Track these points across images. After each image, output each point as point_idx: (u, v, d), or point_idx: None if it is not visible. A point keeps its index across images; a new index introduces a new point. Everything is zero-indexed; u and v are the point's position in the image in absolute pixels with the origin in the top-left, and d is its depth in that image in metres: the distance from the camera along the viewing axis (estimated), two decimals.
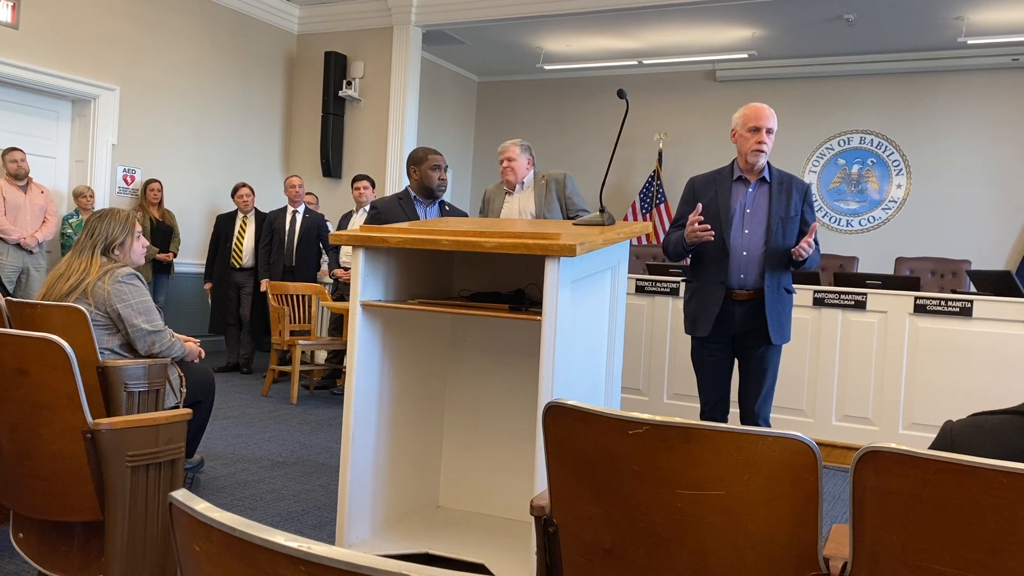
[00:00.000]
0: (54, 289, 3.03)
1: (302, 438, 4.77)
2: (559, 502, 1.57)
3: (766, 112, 3.35)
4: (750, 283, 3.35)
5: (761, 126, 3.32)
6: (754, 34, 8.39)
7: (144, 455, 2.14)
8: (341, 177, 8.66)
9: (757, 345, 3.37)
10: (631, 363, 4.89)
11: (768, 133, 3.33)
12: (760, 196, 3.39)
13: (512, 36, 8.97)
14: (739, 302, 3.36)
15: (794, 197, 3.38)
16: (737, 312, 3.37)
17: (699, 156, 9.29)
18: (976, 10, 7.32)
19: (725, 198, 3.39)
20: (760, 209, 3.37)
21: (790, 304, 3.45)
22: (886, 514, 1.21)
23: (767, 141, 3.32)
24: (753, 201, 3.39)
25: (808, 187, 3.47)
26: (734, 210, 3.38)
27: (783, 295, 3.40)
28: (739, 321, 3.37)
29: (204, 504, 0.74)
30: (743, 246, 3.36)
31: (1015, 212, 8.33)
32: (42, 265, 6.33)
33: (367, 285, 2.75)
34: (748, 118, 3.35)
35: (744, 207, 3.39)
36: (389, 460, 2.94)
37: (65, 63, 6.84)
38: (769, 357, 3.41)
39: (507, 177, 4.24)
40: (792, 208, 3.36)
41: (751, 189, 3.40)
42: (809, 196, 3.45)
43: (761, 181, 3.41)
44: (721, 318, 3.37)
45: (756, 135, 3.32)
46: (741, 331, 3.38)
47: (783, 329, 3.40)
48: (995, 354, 4.36)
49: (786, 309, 3.42)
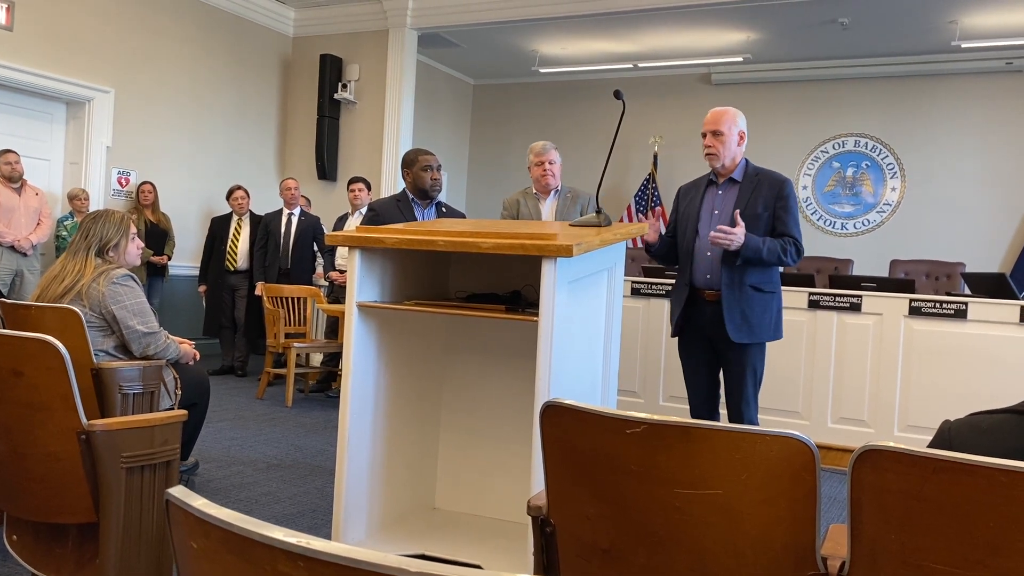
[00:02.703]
0: (48, 291, 3.02)
1: (297, 441, 4.76)
2: (556, 502, 1.56)
3: (712, 116, 3.42)
4: (715, 283, 3.36)
5: (705, 130, 3.41)
6: (749, 38, 8.41)
7: (139, 456, 2.13)
8: (336, 180, 8.65)
9: (729, 345, 3.35)
10: (626, 365, 4.88)
11: (715, 135, 3.38)
12: (728, 197, 3.43)
13: (507, 39, 8.97)
14: (709, 302, 3.38)
15: (764, 194, 3.35)
16: (707, 312, 3.38)
17: (694, 159, 9.27)
18: (969, 14, 7.35)
19: (698, 201, 3.48)
20: (726, 209, 3.40)
21: (763, 301, 3.36)
22: (884, 513, 1.21)
23: (713, 144, 3.38)
24: (721, 202, 3.44)
25: (783, 182, 3.40)
26: (703, 212, 3.45)
27: (748, 292, 3.33)
28: (709, 321, 3.38)
29: (202, 501, 0.73)
30: (707, 246, 3.38)
31: (1009, 215, 8.36)
32: (36, 267, 6.30)
33: (363, 286, 2.74)
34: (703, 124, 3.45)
35: (712, 209, 3.45)
36: (385, 462, 2.93)
37: (60, 65, 6.83)
38: (746, 358, 3.36)
39: (547, 180, 4.21)
40: (760, 205, 3.34)
41: (720, 191, 3.46)
42: (783, 191, 3.37)
43: (731, 182, 3.44)
44: (693, 318, 3.43)
45: (705, 140, 3.42)
46: (712, 331, 3.39)
47: (749, 327, 3.32)
48: (990, 356, 4.37)
49: (755, 307, 3.33)
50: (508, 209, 4.38)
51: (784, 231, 3.35)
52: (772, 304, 3.41)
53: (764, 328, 3.37)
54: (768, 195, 3.35)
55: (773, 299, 3.42)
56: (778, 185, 3.38)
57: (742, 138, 3.42)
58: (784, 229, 3.35)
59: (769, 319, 3.39)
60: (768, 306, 3.39)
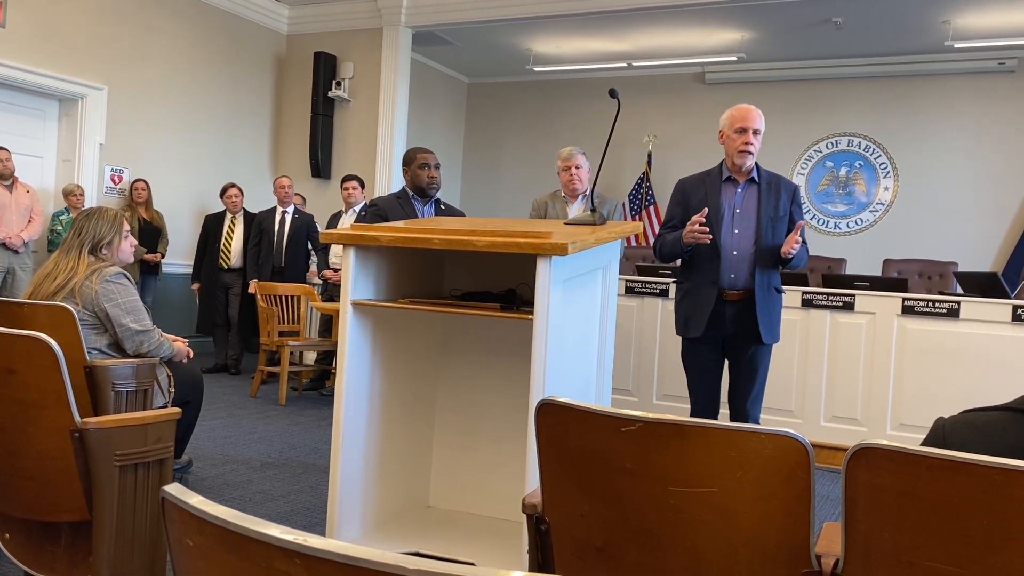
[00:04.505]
0: (41, 288, 3.00)
1: (291, 439, 4.75)
2: (551, 500, 1.56)
3: (753, 113, 3.37)
4: (740, 283, 3.37)
5: (748, 127, 3.35)
6: (743, 37, 8.42)
7: (132, 454, 2.12)
8: (330, 178, 8.64)
9: (748, 345, 3.38)
10: (620, 364, 4.89)
11: (755, 134, 3.35)
12: (749, 196, 3.41)
13: (502, 37, 8.97)
14: (730, 302, 3.38)
15: (783, 197, 3.42)
16: (728, 312, 3.38)
17: (688, 158, 9.31)
18: (963, 14, 7.38)
19: (715, 199, 3.42)
20: (749, 209, 3.39)
21: (780, 304, 3.48)
22: (878, 511, 1.21)
23: (753, 142, 3.35)
24: (742, 201, 3.41)
25: (796, 188, 3.51)
26: (724, 210, 3.41)
27: (773, 295, 3.42)
28: (730, 321, 3.39)
29: (198, 498, 0.73)
30: (733, 246, 3.37)
31: (1001, 214, 8.40)
32: (28, 265, 6.28)
33: (358, 284, 2.74)
34: (735, 119, 3.38)
35: (734, 207, 3.41)
36: (379, 460, 2.92)
37: (52, 62, 6.80)
38: (760, 357, 3.43)
39: (574, 185, 4.36)
40: (781, 208, 3.40)
41: (740, 190, 3.43)
42: (797, 196, 3.49)
43: (750, 182, 3.44)
44: (712, 318, 3.39)
45: (743, 136, 3.34)
46: (732, 331, 3.40)
47: (774, 329, 3.42)
48: (982, 355, 4.38)
49: (776, 309, 3.44)
50: (537, 209, 4.48)
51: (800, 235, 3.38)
52: (781, 304, 3.51)
53: (780, 328, 3.48)
54: (785, 199, 3.43)
55: (782, 300, 3.51)
56: (793, 190, 3.48)
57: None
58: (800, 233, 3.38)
59: (780, 319, 3.48)
60: (781, 307, 3.49)
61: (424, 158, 3.96)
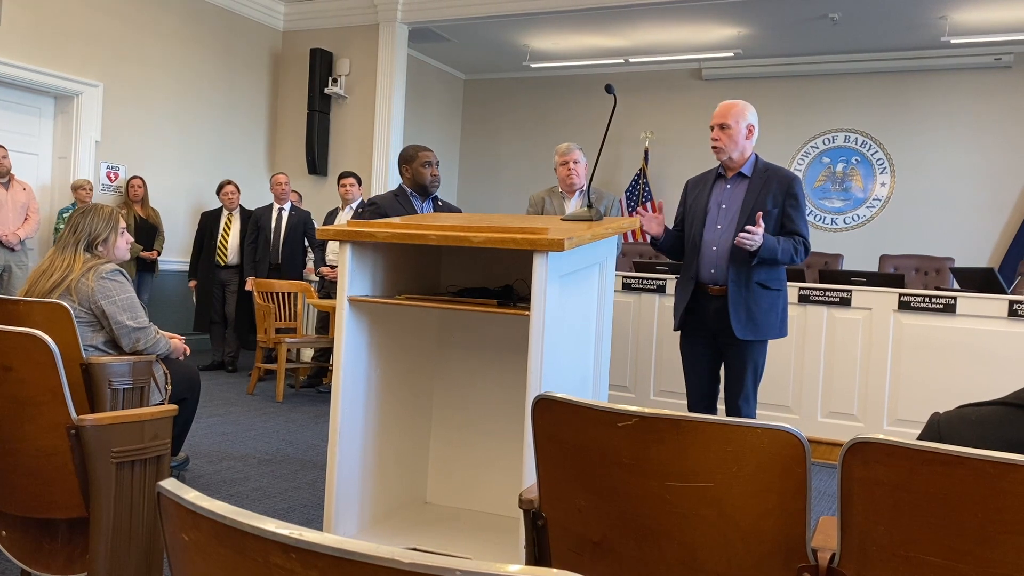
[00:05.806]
0: (37, 286, 3.00)
1: (288, 436, 4.75)
2: (548, 495, 1.56)
3: (720, 109, 3.39)
4: (721, 278, 3.35)
5: (713, 123, 3.39)
6: (740, 33, 8.42)
7: (129, 451, 2.12)
8: (327, 174, 8.63)
9: (733, 340, 3.35)
10: (617, 360, 4.89)
11: (721, 128, 3.35)
12: (737, 191, 3.40)
13: (498, 34, 8.96)
14: (713, 297, 3.37)
15: (774, 190, 3.34)
16: (711, 307, 3.38)
17: (685, 154, 9.32)
18: (959, 10, 7.38)
19: (705, 195, 3.45)
20: (734, 204, 3.38)
21: (770, 299, 3.36)
22: (874, 505, 1.22)
23: (720, 137, 3.36)
24: (730, 196, 3.41)
25: (792, 180, 3.38)
26: (710, 206, 3.42)
27: (755, 290, 3.32)
28: (713, 316, 3.38)
29: (194, 493, 0.73)
30: (713, 241, 3.38)
31: (997, 210, 8.41)
32: (25, 262, 6.27)
33: (354, 281, 2.73)
34: (712, 117, 3.42)
35: (720, 203, 3.42)
36: (376, 456, 2.93)
37: (48, 59, 6.78)
38: (747, 353, 3.35)
39: (571, 180, 4.35)
40: (770, 202, 3.32)
41: (729, 185, 3.43)
42: (792, 188, 3.35)
43: (740, 176, 3.41)
44: (697, 313, 3.40)
45: (712, 133, 3.39)
46: (716, 326, 3.38)
47: (755, 324, 3.32)
48: (978, 350, 4.39)
49: (759, 305, 3.32)
50: (534, 206, 4.47)
51: (793, 229, 3.32)
52: (778, 302, 3.39)
53: (770, 326, 3.36)
54: (777, 192, 3.33)
55: (779, 297, 3.40)
56: (787, 182, 3.35)
57: (751, 132, 3.37)
58: (793, 227, 3.32)
59: (775, 317, 3.38)
60: (774, 304, 3.37)
61: (427, 156, 3.95)
